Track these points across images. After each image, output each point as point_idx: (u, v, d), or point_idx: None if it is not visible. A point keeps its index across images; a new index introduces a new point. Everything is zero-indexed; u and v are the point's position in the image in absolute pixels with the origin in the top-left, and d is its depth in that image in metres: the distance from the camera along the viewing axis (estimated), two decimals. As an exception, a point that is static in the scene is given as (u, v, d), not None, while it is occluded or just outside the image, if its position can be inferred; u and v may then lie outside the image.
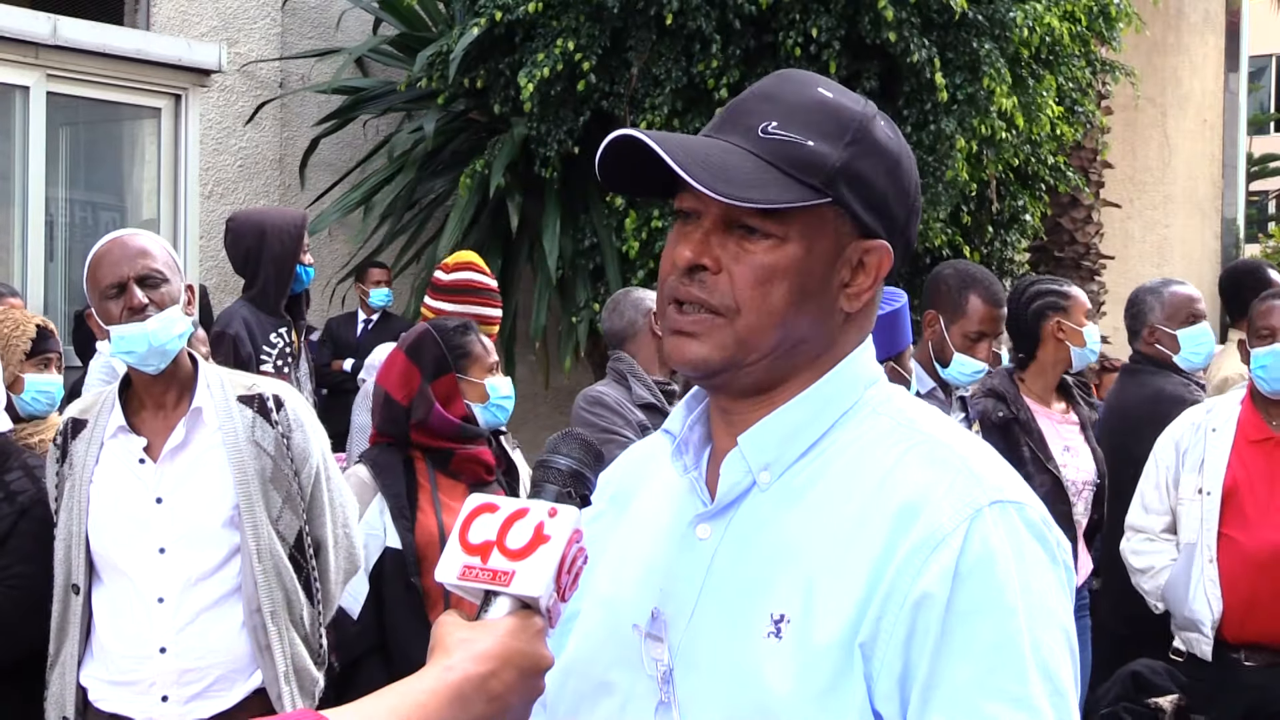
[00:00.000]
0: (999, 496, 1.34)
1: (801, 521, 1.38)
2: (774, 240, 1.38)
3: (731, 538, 1.41)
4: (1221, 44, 16.01)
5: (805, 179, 1.37)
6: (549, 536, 1.31)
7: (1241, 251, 17.10)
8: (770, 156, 1.37)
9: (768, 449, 1.42)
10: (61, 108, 8.03)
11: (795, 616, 1.34)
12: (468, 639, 1.28)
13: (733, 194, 1.34)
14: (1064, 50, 8.49)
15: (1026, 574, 1.31)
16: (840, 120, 1.40)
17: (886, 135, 1.43)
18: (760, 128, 1.39)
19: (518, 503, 1.34)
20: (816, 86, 1.43)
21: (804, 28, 7.40)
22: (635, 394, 4.47)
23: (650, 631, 1.42)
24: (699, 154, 1.36)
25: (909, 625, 1.30)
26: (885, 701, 1.31)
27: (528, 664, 1.29)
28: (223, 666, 3.10)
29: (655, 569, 1.45)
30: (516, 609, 1.30)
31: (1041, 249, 10.95)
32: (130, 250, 3.10)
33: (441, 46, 8.00)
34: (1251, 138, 21.94)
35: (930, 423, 1.43)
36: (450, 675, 1.25)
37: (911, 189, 1.45)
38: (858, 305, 1.43)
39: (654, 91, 7.56)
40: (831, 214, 1.39)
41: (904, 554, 1.31)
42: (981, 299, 4.40)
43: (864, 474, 1.38)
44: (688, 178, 1.33)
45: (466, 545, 1.32)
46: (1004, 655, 1.28)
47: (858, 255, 1.42)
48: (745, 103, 1.43)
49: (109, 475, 3.12)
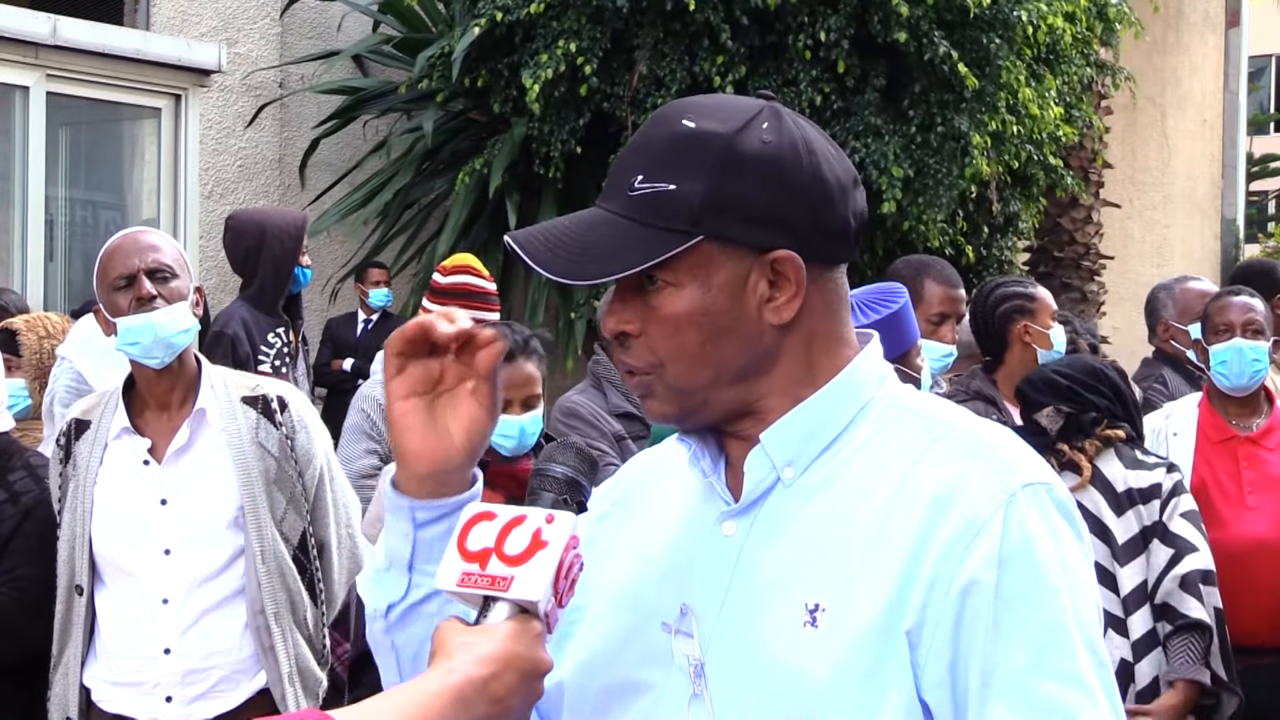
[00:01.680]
0: (1030, 479, 1.37)
1: (828, 514, 1.41)
2: (670, 289, 1.41)
3: (758, 533, 1.44)
4: (1222, 44, 16.02)
5: (672, 225, 1.39)
6: (546, 542, 1.32)
7: (1241, 251, 17.09)
8: (638, 214, 1.40)
9: (790, 445, 1.43)
10: (61, 108, 8.03)
11: (831, 605, 1.36)
12: (469, 643, 1.30)
13: (589, 272, 1.38)
14: (1064, 51, 8.50)
15: (1062, 552, 1.36)
16: (700, 151, 1.40)
17: (760, 141, 1.41)
18: (629, 185, 1.41)
19: (515, 510, 1.36)
20: (682, 119, 1.43)
21: (812, 30, 7.40)
22: (612, 402, 4.40)
23: (680, 628, 1.44)
24: (566, 240, 1.41)
25: (956, 612, 1.32)
26: (935, 690, 1.33)
27: (528, 667, 1.31)
28: (226, 667, 3.10)
29: (679, 568, 1.46)
30: (515, 614, 1.32)
31: (1041, 249, 10.95)
32: (141, 244, 3.12)
33: (442, 47, 8.00)
34: (1251, 138, 21.95)
35: (947, 413, 1.46)
36: (452, 677, 1.27)
37: (807, 183, 1.41)
38: (788, 314, 1.42)
39: (656, 93, 7.56)
40: (712, 247, 1.40)
41: (944, 542, 1.34)
42: (936, 281, 4.43)
43: (888, 466, 1.40)
44: (544, 272, 1.38)
45: (465, 553, 1.34)
46: (1054, 635, 1.32)
47: (765, 270, 1.41)
48: (622, 159, 1.46)
49: (113, 477, 3.12)
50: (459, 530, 1.36)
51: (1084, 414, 3.90)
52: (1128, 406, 3.97)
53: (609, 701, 1.48)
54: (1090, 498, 3.84)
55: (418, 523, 1.45)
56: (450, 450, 1.44)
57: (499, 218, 8.23)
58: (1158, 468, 3.85)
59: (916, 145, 7.65)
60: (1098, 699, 1.32)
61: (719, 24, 7.36)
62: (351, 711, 1.26)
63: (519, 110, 8.04)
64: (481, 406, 1.45)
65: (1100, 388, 3.93)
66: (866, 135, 7.59)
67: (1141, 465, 3.86)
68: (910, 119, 7.67)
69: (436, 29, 8.89)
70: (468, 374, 1.45)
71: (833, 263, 1.46)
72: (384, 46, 9.08)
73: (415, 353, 1.45)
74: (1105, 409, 3.91)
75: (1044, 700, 1.30)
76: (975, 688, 1.32)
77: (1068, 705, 1.30)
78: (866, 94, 7.65)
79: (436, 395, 1.45)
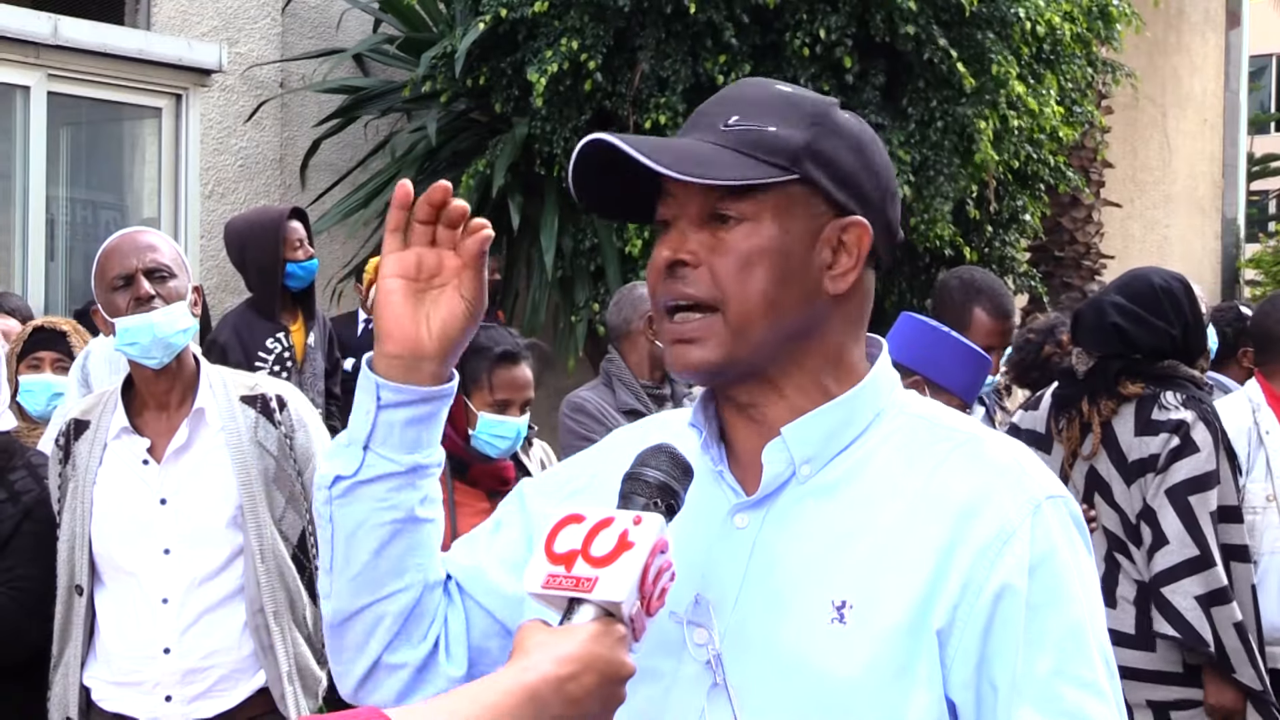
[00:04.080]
0: (1050, 491, 1.42)
1: (848, 513, 1.42)
2: (748, 225, 1.41)
3: (771, 526, 1.45)
4: (1222, 44, 16.01)
5: (771, 159, 1.41)
6: (633, 544, 1.31)
7: (1242, 251, 17.10)
8: (735, 145, 1.42)
9: (811, 443, 1.45)
10: (62, 107, 8.02)
11: (858, 603, 1.38)
12: (548, 642, 1.28)
13: (699, 174, 1.38)
14: (1065, 50, 8.50)
15: (1080, 562, 1.40)
16: (800, 107, 1.45)
17: (849, 120, 1.48)
18: (723, 122, 1.44)
19: (604, 512, 1.35)
20: (776, 85, 1.49)
21: (811, 28, 7.41)
22: (620, 399, 4.43)
23: (692, 618, 1.44)
24: (663, 147, 1.41)
25: (988, 615, 1.36)
26: (962, 690, 1.36)
27: (609, 670, 1.29)
28: (226, 666, 3.10)
29: (690, 558, 1.46)
30: (600, 616, 1.30)
31: (1041, 249, 10.95)
32: (139, 244, 3.12)
33: (444, 46, 7.99)
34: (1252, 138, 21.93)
35: (955, 420, 1.49)
36: (527, 676, 1.25)
37: (882, 170, 1.48)
38: (843, 286, 1.45)
39: (659, 93, 7.56)
40: (802, 192, 1.43)
41: (977, 546, 1.37)
42: (986, 313, 4.18)
43: (908, 470, 1.43)
44: (650, 163, 1.37)
45: (552, 555, 1.33)
46: (1075, 643, 1.37)
47: (836, 234, 1.44)
48: (707, 107, 1.49)
49: (113, 477, 3.12)
50: (547, 533, 1.35)
51: (1112, 360, 3.74)
52: (1188, 330, 3.78)
53: None
54: (1105, 467, 3.72)
55: (381, 402, 1.46)
56: (423, 337, 1.45)
57: (500, 218, 8.23)
58: (1162, 431, 3.64)
59: (916, 141, 7.66)
60: (1111, 707, 1.37)
61: (722, 22, 7.36)
62: (416, 709, 1.25)
63: (520, 110, 8.04)
64: (463, 299, 1.45)
65: (1160, 317, 3.74)
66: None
67: (1150, 429, 3.67)
68: (910, 116, 7.68)
69: (437, 28, 8.89)
70: (460, 272, 1.45)
71: (881, 259, 1.49)
72: (386, 46, 9.08)
73: (412, 230, 1.45)
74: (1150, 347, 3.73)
75: (1068, 706, 1.34)
76: (1005, 690, 1.35)
77: (1088, 712, 1.35)
78: (866, 93, 7.66)
79: (428, 285, 1.46)
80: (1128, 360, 3.74)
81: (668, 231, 1.45)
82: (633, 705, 1.44)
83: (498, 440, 3.44)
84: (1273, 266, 17.81)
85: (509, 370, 3.45)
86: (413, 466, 1.48)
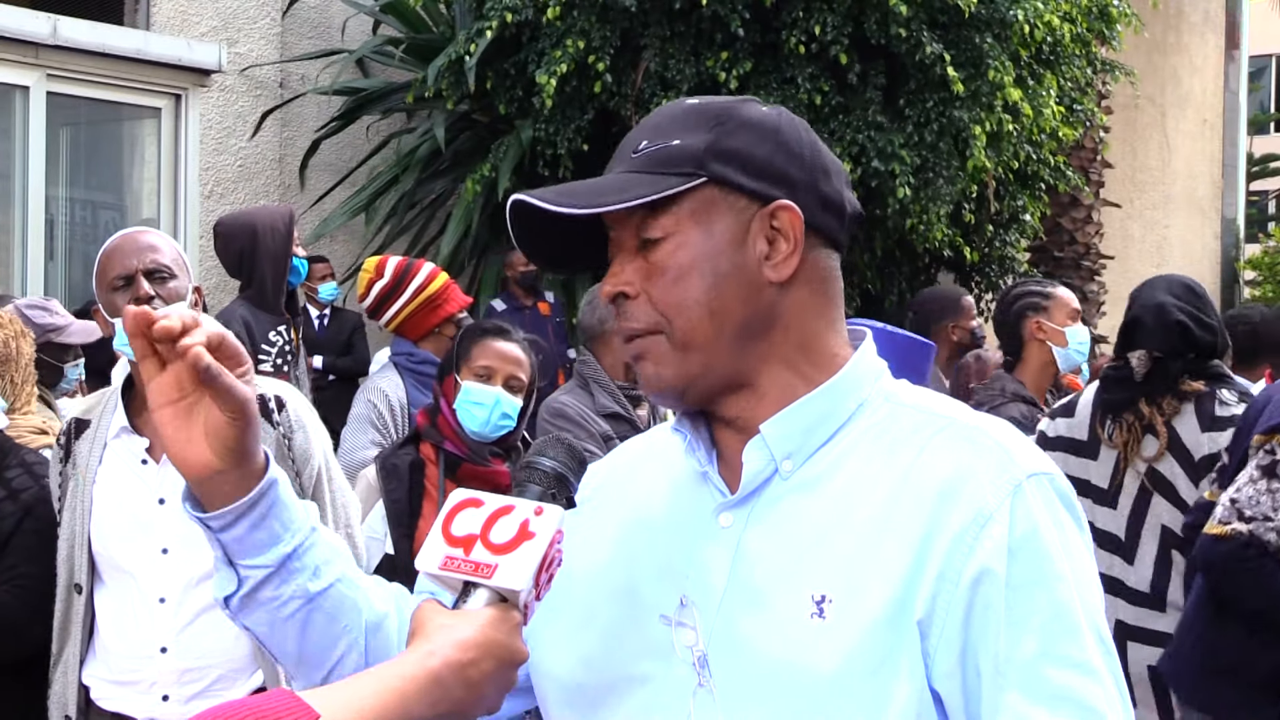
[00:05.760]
0: (1033, 469, 1.39)
1: (830, 506, 1.42)
2: (673, 239, 1.43)
3: (755, 524, 1.44)
4: (1222, 44, 16.02)
5: (676, 170, 1.43)
6: (534, 534, 1.33)
7: (1241, 251, 17.12)
8: (643, 167, 1.45)
9: (791, 438, 1.44)
10: (61, 108, 8.03)
11: (838, 596, 1.37)
12: (449, 626, 1.31)
13: (600, 203, 1.41)
14: (1064, 50, 8.50)
15: (1066, 541, 1.37)
16: (704, 113, 1.47)
17: (762, 112, 1.48)
18: (633, 150, 1.47)
19: (503, 500, 1.37)
20: (686, 102, 1.51)
21: (807, 25, 7.42)
22: (599, 402, 4.41)
23: (679, 620, 1.44)
24: (572, 190, 1.44)
25: (967, 602, 1.34)
26: (946, 680, 1.35)
27: (506, 655, 1.32)
28: (223, 666, 3.10)
29: (675, 560, 1.46)
30: (494, 601, 1.33)
31: (1041, 249, 10.96)
32: (140, 244, 3.12)
33: (450, 55, 7.97)
34: (1251, 138, 21.95)
35: (945, 406, 1.48)
36: (431, 660, 1.28)
37: (806, 149, 1.47)
38: (786, 272, 1.44)
39: (662, 92, 7.57)
40: (716, 193, 1.43)
41: (953, 533, 1.35)
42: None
43: (889, 459, 1.42)
44: (553, 207, 1.40)
45: (449, 537, 1.35)
46: (1063, 623, 1.34)
47: (766, 223, 1.44)
48: (625, 140, 1.51)
49: (112, 476, 3.12)
50: (444, 514, 1.37)
51: (1174, 360, 3.73)
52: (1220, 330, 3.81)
53: (607, 695, 1.48)
54: (1168, 466, 3.71)
55: (214, 530, 1.44)
56: (209, 459, 1.39)
57: (500, 220, 8.22)
58: (1229, 427, 3.62)
59: (915, 143, 7.67)
60: (1106, 685, 1.34)
61: (728, 15, 7.37)
62: (325, 693, 1.27)
63: (524, 111, 8.04)
64: (220, 409, 1.37)
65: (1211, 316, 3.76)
66: (870, 129, 7.61)
67: (1216, 425, 3.67)
68: (908, 117, 7.69)
69: (438, 30, 8.89)
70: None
71: (828, 236, 1.48)
72: (389, 49, 9.08)
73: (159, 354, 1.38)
74: (1208, 346, 3.73)
75: (1056, 688, 1.32)
76: (988, 676, 1.33)
77: (1078, 692, 1.32)
78: (867, 93, 7.67)
79: (198, 398, 1.39)
80: (1186, 360, 3.76)
81: (611, 266, 1.48)
82: (624, 711, 1.45)
83: (475, 408, 3.47)
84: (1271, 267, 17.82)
85: (493, 341, 3.58)
86: (282, 559, 1.46)
